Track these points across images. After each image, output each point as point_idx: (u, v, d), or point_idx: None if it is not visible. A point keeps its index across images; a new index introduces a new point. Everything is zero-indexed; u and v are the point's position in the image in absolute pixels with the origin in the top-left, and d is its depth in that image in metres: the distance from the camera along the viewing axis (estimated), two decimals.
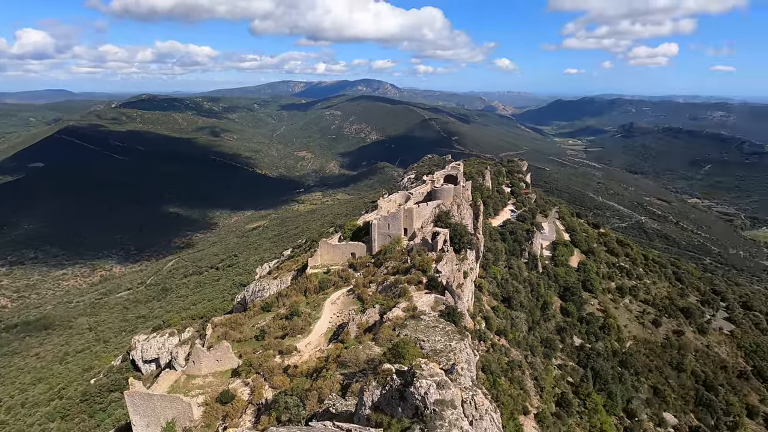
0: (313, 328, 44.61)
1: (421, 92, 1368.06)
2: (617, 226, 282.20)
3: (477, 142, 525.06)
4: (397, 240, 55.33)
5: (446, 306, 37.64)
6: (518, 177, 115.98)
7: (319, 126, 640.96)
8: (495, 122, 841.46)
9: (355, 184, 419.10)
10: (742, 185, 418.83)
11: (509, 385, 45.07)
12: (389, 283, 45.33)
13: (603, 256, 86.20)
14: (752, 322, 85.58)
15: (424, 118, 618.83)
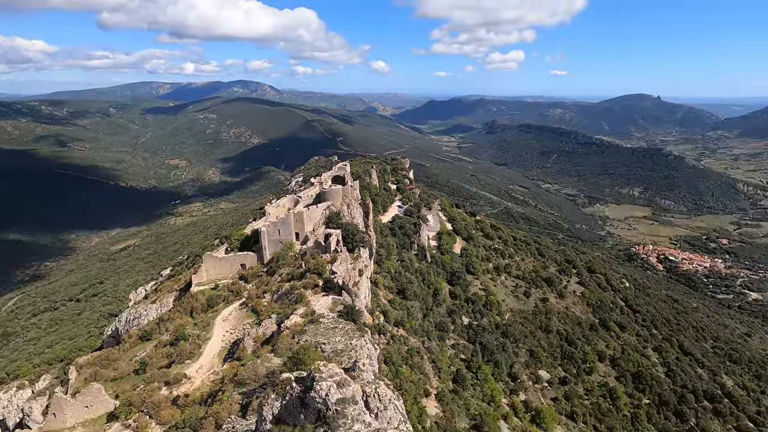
0: (204, 351, 41.07)
1: (302, 94, 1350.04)
2: (490, 213, 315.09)
3: (361, 142, 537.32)
4: (290, 245, 53.92)
5: (344, 306, 37.96)
6: (402, 174, 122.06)
7: (193, 131, 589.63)
8: (377, 122, 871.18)
9: (239, 191, 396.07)
10: (579, 170, 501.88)
11: (410, 372, 47.42)
12: (284, 290, 44.00)
13: (480, 241, 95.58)
14: (596, 282, 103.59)
15: (307, 119, 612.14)
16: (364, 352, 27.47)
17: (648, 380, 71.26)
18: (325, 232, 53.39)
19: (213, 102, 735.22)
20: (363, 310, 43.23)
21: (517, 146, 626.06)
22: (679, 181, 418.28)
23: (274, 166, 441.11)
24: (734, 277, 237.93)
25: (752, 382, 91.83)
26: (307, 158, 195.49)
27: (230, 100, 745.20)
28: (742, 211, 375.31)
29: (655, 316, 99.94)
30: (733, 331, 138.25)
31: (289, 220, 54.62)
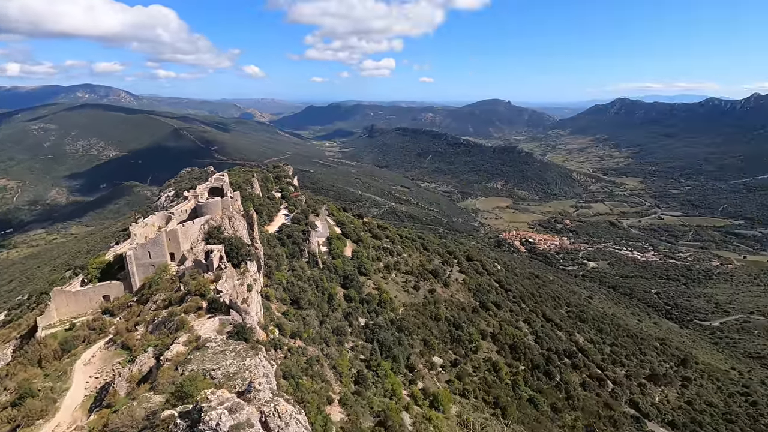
0: (61, 405, 34.43)
1: (166, 100, 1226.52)
2: (376, 214, 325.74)
3: (239, 150, 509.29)
4: (164, 268, 48.38)
5: (234, 326, 35.50)
6: (286, 181, 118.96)
7: (25, 144, 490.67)
8: (255, 129, 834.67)
9: (95, 211, 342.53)
10: (452, 169, 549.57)
11: (312, 382, 46.45)
12: (162, 318, 39.35)
13: (370, 242, 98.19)
14: (474, 269, 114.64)
15: (174, 128, 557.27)
16: (259, 371, 26.05)
17: (522, 349, 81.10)
18: (206, 249, 49.24)
19: (51, 109, 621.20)
20: (255, 327, 40.95)
21: (395, 149, 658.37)
22: (530, 173, 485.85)
23: (137, 180, 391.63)
24: (577, 251, 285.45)
25: (597, 336, 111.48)
26: (178, 170, 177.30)
27: (74, 107, 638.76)
28: (577, 195, 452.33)
29: (522, 292, 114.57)
30: (580, 295, 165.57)
31: (161, 240, 49.02)
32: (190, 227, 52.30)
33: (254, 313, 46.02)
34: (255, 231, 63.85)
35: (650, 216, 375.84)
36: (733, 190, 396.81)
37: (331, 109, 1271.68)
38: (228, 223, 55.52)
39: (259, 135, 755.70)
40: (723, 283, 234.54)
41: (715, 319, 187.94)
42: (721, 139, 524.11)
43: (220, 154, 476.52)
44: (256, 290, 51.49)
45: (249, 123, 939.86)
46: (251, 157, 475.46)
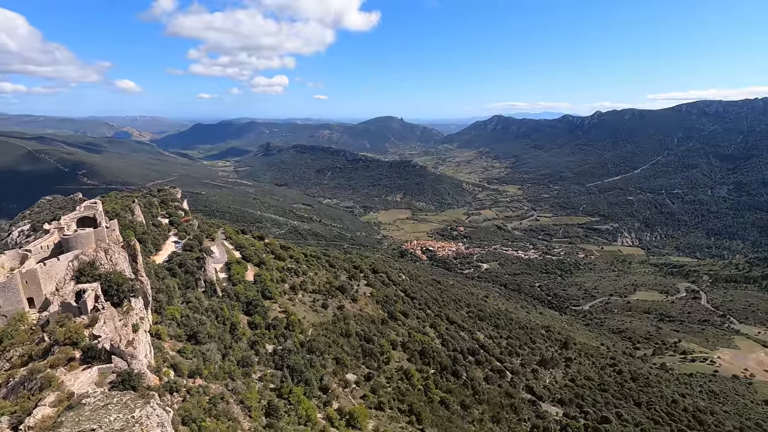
0: None
1: (14, 117, 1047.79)
2: (278, 234, 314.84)
3: (115, 173, 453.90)
4: (20, 317, 40.37)
5: (118, 374, 30.99)
6: (175, 206, 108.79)
7: None
8: (134, 149, 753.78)
9: None
10: (353, 184, 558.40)
11: (217, 423, 42.47)
12: (20, 378, 32.66)
13: (273, 263, 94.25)
14: (380, 281, 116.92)
15: (28, 150, 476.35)
16: (152, 422, 23.03)
17: (431, 353, 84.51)
18: (77, 289, 42.41)
19: None
20: (145, 371, 36.26)
21: (294, 166, 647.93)
22: (426, 185, 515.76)
23: None
24: (471, 254, 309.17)
25: (494, 331, 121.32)
26: (36, 199, 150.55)
27: None
28: (468, 204, 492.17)
29: (427, 299, 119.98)
30: (477, 296, 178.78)
31: (14, 284, 40.96)
32: (54, 265, 44.68)
33: (143, 356, 40.75)
34: (139, 263, 57.00)
35: (529, 218, 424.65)
36: (589, 192, 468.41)
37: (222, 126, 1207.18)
38: (104, 257, 48.72)
39: (140, 156, 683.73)
40: (588, 271, 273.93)
41: (585, 303, 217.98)
42: (577, 149, 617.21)
43: (91, 179, 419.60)
44: (143, 330, 45.72)
45: (126, 143, 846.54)
46: (131, 180, 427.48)
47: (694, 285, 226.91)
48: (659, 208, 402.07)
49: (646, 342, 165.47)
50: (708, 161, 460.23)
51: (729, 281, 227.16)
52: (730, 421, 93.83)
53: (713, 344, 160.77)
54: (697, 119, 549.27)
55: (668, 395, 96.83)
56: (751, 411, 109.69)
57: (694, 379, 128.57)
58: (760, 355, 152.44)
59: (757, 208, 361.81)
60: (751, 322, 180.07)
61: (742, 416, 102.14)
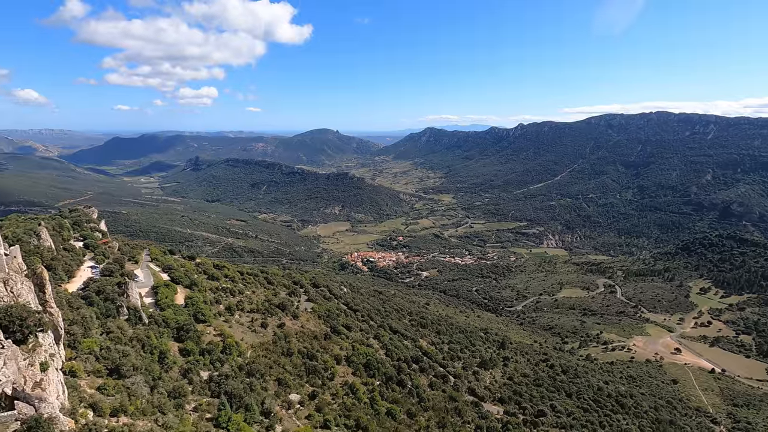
0: None
1: None
2: (211, 252, 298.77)
3: (16, 193, 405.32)
4: None
5: (23, 421, 27.18)
6: (90, 227, 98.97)
7: None
8: (39, 166, 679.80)
9: None
10: (289, 198, 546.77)
11: None
12: None
13: (206, 284, 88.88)
14: (322, 295, 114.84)
15: None
16: None
17: (375, 365, 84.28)
18: None
19: None
20: (57, 415, 32.21)
21: (226, 181, 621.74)
22: (364, 197, 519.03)
23: None
24: (411, 263, 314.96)
25: (436, 337, 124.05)
26: None
27: None
28: (406, 214, 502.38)
29: (369, 310, 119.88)
30: (419, 303, 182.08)
31: None
32: None
33: (54, 397, 36.19)
34: (47, 293, 50.84)
35: (464, 225, 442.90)
36: (516, 199, 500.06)
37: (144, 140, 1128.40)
38: (3, 289, 42.89)
39: (47, 173, 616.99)
40: (519, 273, 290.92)
41: (518, 303, 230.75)
42: (504, 159, 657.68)
43: None
44: (54, 368, 40.67)
45: (29, 159, 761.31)
46: (36, 200, 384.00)
47: (610, 280, 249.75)
48: (578, 212, 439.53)
49: (573, 336, 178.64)
50: (615, 168, 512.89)
51: (638, 275, 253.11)
52: (647, 401, 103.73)
53: (629, 333, 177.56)
54: (605, 131, 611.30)
55: (594, 384, 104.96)
56: (662, 390, 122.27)
57: (615, 366, 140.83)
58: (667, 340, 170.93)
59: (657, 209, 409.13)
60: (658, 310, 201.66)
61: (656, 396, 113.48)
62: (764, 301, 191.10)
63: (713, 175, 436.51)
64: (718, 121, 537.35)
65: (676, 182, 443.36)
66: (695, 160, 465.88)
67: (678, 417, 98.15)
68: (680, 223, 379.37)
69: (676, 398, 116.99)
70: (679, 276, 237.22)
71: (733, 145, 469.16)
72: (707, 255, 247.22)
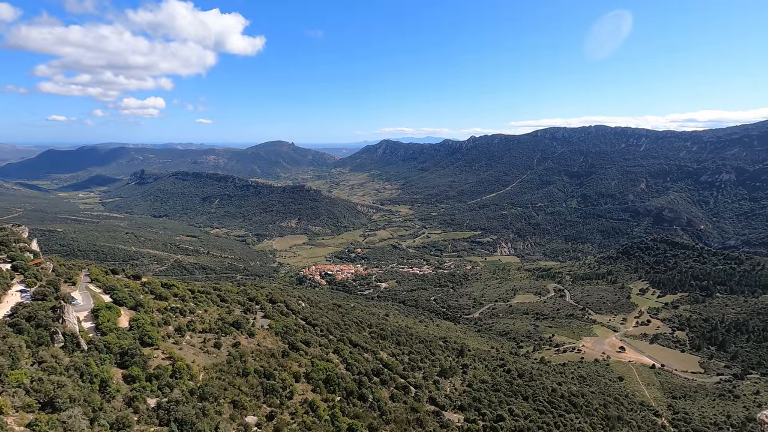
0: None
1: None
2: (158, 271, 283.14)
3: None
4: None
5: None
6: (20, 247, 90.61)
7: None
8: None
9: None
10: (243, 212, 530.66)
11: None
12: None
13: (153, 305, 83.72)
14: (279, 311, 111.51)
15: None
16: None
17: (335, 380, 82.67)
18: None
19: None
20: None
21: (175, 195, 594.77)
22: (321, 209, 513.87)
23: None
24: (370, 275, 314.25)
25: (396, 348, 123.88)
26: None
27: None
28: (364, 225, 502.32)
29: (329, 324, 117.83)
30: (378, 315, 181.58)
31: None
32: None
33: None
34: None
35: (421, 236, 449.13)
36: (471, 209, 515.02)
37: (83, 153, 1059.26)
38: None
39: None
40: (475, 281, 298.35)
41: (475, 311, 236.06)
42: (458, 170, 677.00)
43: None
44: None
45: None
46: None
47: (559, 285, 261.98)
48: (528, 220, 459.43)
49: (527, 340, 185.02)
50: (561, 178, 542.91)
51: (585, 279, 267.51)
52: (596, 399, 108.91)
53: (578, 335, 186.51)
54: (550, 143, 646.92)
55: (548, 385, 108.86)
56: (610, 388, 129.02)
57: (567, 367, 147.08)
58: (613, 339, 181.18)
59: (599, 216, 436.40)
60: (603, 312, 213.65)
61: (604, 393, 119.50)
62: (694, 299, 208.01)
63: (647, 183, 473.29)
64: (649, 134, 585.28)
65: (615, 191, 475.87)
66: (630, 170, 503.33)
67: (625, 412, 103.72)
68: (620, 228, 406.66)
69: (623, 394, 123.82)
70: (621, 278, 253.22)
71: (663, 156, 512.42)
72: (644, 258, 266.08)
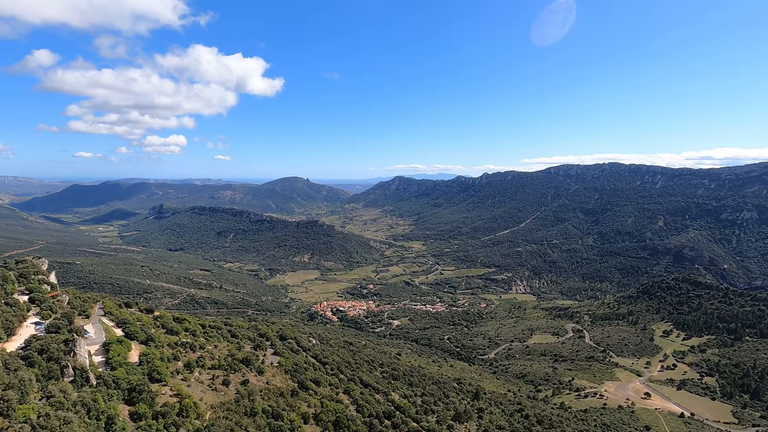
0: None
1: None
2: (171, 304, 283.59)
3: None
4: None
5: None
6: (39, 280, 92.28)
7: None
8: None
9: None
10: (257, 246, 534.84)
11: None
12: None
13: (164, 339, 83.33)
14: (289, 348, 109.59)
15: None
16: None
17: (345, 422, 79.68)
18: None
19: None
20: None
21: (191, 229, 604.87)
22: (334, 244, 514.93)
23: None
24: (382, 312, 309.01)
25: (409, 390, 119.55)
26: None
27: None
28: (376, 261, 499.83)
29: (339, 363, 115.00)
30: (390, 354, 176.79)
31: None
32: None
33: None
34: None
35: (434, 272, 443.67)
36: (484, 245, 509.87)
37: (105, 187, 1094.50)
38: None
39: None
40: (490, 320, 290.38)
41: (490, 351, 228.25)
42: (471, 206, 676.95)
43: None
44: None
45: None
46: None
47: (578, 325, 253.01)
48: (543, 257, 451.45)
49: (546, 383, 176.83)
50: (576, 215, 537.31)
51: (604, 319, 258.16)
52: None
53: (599, 379, 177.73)
54: (564, 180, 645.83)
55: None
56: None
57: (589, 414, 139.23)
58: (637, 384, 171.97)
59: (617, 254, 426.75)
60: (625, 354, 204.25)
61: None
62: (722, 342, 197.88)
63: (665, 221, 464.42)
64: (664, 172, 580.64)
65: (632, 228, 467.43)
66: (647, 208, 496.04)
67: None
68: (639, 267, 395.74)
69: None
70: (643, 319, 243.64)
71: (680, 194, 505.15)
72: (666, 298, 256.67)
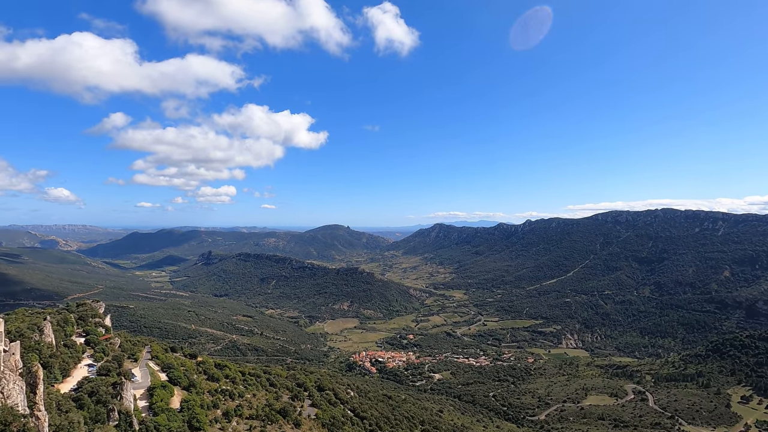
0: None
1: None
2: (213, 350, 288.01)
3: (31, 286, 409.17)
4: None
5: None
6: (95, 322, 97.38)
7: None
8: (56, 260, 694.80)
9: None
10: (298, 293, 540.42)
11: None
12: None
13: (205, 386, 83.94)
14: (326, 399, 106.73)
15: None
16: None
17: None
18: None
19: None
20: None
21: (236, 275, 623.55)
22: (373, 292, 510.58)
23: None
24: (423, 364, 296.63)
25: None
26: None
27: None
28: (416, 310, 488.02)
29: (378, 418, 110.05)
30: (431, 411, 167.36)
31: None
32: None
33: None
34: (39, 394, 48.23)
35: (476, 323, 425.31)
36: (530, 295, 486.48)
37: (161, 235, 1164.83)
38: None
39: (62, 267, 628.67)
40: (539, 377, 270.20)
41: (540, 412, 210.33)
42: (514, 255, 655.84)
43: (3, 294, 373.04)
44: None
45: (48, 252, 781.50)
46: (47, 294, 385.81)
47: (639, 386, 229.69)
48: (595, 309, 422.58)
49: None
50: (629, 264, 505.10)
51: (669, 380, 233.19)
52: None
53: None
54: (613, 227, 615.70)
55: None
56: None
57: None
58: None
59: (679, 307, 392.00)
60: (698, 422, 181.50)
61: None
62: None
63: (731, 271, 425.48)
64: (726, 218, 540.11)
65: (693, 279, 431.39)
66: (709, 257, 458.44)
67: None
68: (705, 322, 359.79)
69: None
70: (715, 382, 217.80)
71: (747, 242, 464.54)
72: (741, 358, 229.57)
